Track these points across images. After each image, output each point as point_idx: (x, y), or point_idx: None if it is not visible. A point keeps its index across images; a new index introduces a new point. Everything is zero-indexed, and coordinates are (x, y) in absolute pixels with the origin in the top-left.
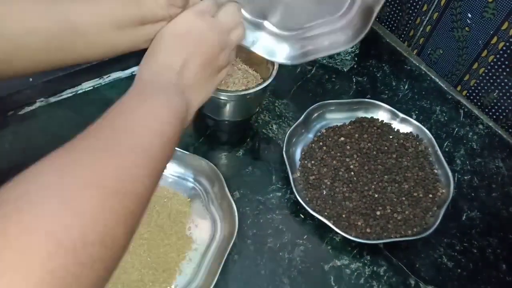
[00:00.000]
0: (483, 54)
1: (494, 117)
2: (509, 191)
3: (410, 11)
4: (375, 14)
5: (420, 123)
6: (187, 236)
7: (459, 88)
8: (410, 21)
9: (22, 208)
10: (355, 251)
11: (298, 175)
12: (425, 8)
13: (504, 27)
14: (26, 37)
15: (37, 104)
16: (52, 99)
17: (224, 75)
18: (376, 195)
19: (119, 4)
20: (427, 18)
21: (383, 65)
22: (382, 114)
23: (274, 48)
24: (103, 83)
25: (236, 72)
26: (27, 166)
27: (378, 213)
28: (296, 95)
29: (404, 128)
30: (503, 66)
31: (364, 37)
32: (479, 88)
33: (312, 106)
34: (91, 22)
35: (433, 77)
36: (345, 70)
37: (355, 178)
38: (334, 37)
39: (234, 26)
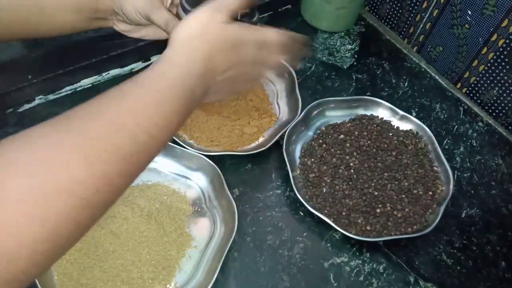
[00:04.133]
0: (483, 51)
1: (494, 114)
2: (508, 189)
3: (410, 8)
4: None
5: (420, 120)
6: (187, 233)
7: (459, 85)
8: (410, 18)
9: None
10: (354, 248)
11: (298, 173)
12: (425, 5)
13: (504, 24)
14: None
15: (36, 102)
16: (51, 97)
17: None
18: (376, 193)
19: None
20: (427, 15)
21: (383, 62)
22: (382, 111)
23: None
24: (102, 81)
25: None
26: None
27: (378, 210)
28: None
29: (404, 126)
30: (503, 64)
31: (364, 35)
32: (479, 85)
33: (312, 104)
34: (57, 5)
35: (433, 74)
36: (345, 67)
37: (355, 176)
38: None
39: (278, 45)
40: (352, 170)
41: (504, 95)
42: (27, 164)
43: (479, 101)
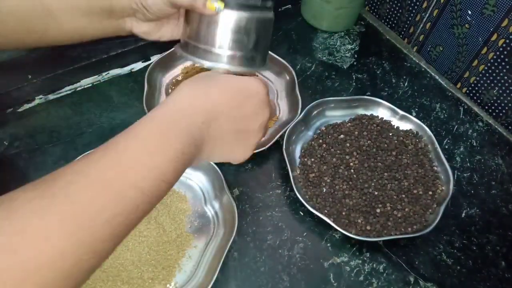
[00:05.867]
0: (483, 51)
1: (494, 114)
2: (508, 188)
3: (410, 8)
4: None
5: (420, 120)
6: (187, 233)
7: (459, 85)
8: (410, 18)
9: None
10: (354, 248)
11: (298, 172)
12: (425, 5)
13: (504, 24)
14: (4, 17)
15: (36, 101)
16: (51, 96)
17: (249, 152)
18: (376, 193)
19: None
20: (427, 15)
21: (383, 62)
22: (382, 111)
23: None
24: (102, 80)
25: None
26: (25, 164)
27: (378, 210)
28: None
29: (404, 125)
30: (503, 63)
31: (364, 34)
32: (479, 85)
33: (312, 104)
34: (64, 7)
35: (433, 74)
36: (345, 67)
37: (355, 176)
38: None
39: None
40: (352, 170)
41: (504, 95)
42: (8, 236)
43: (479, 101)
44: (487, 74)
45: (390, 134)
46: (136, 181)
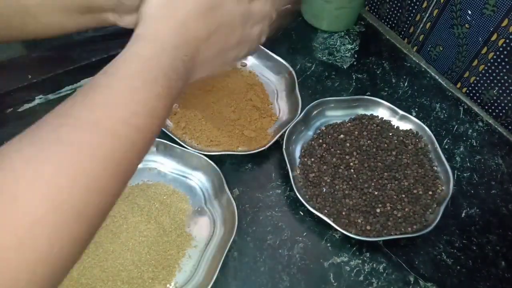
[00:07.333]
0: (483, 51)
1: (494, 114)
2: (508, 188)
3: (410, 8)
4: None
5: (420, 120)
6: (187, 233)
7: (459, 85)
8: (410, 18)
9: None
10: (354, 248)
11: (298, 172)
12: (425, 5)
13: (504, 24)
14: None
15: (36, 101)
16: (51, 96)
17: (247, 50)
18: (376, 193)
19: None
20: (427, 15)
21: (383, 62)
22: (381, 111)
23: None
24: None
25: None
26: None
27: (378, 210)
28: None
29: (404, 125)
30: (503, 63)
31: (364, 34)
32: (479, 85)
33: (312, 103)
34: (41, 3)
35: (433, 74)
36: (345, 67)
37: (355, 176)
38: None
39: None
40: (352, 170)
41: (504, 95)
42: (4, 185)
43: (479, 100)
44: (487, 74)
45: (390, 134)
46: (127, 118)
